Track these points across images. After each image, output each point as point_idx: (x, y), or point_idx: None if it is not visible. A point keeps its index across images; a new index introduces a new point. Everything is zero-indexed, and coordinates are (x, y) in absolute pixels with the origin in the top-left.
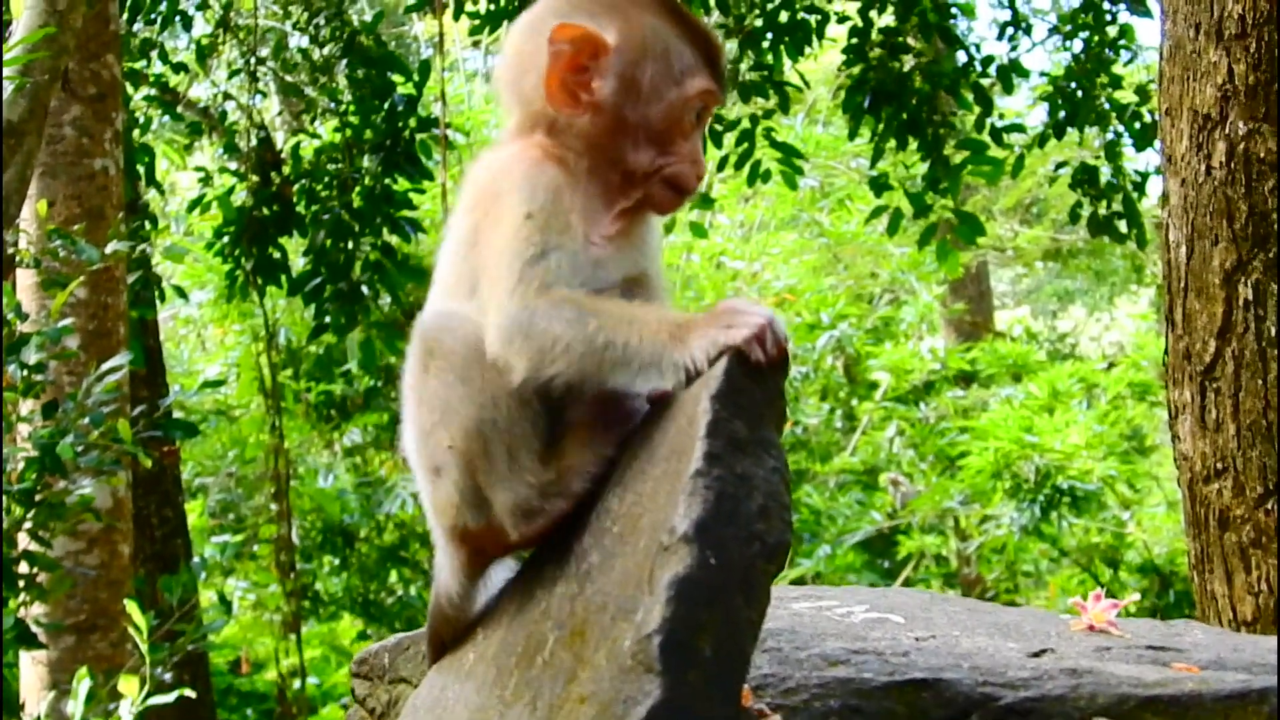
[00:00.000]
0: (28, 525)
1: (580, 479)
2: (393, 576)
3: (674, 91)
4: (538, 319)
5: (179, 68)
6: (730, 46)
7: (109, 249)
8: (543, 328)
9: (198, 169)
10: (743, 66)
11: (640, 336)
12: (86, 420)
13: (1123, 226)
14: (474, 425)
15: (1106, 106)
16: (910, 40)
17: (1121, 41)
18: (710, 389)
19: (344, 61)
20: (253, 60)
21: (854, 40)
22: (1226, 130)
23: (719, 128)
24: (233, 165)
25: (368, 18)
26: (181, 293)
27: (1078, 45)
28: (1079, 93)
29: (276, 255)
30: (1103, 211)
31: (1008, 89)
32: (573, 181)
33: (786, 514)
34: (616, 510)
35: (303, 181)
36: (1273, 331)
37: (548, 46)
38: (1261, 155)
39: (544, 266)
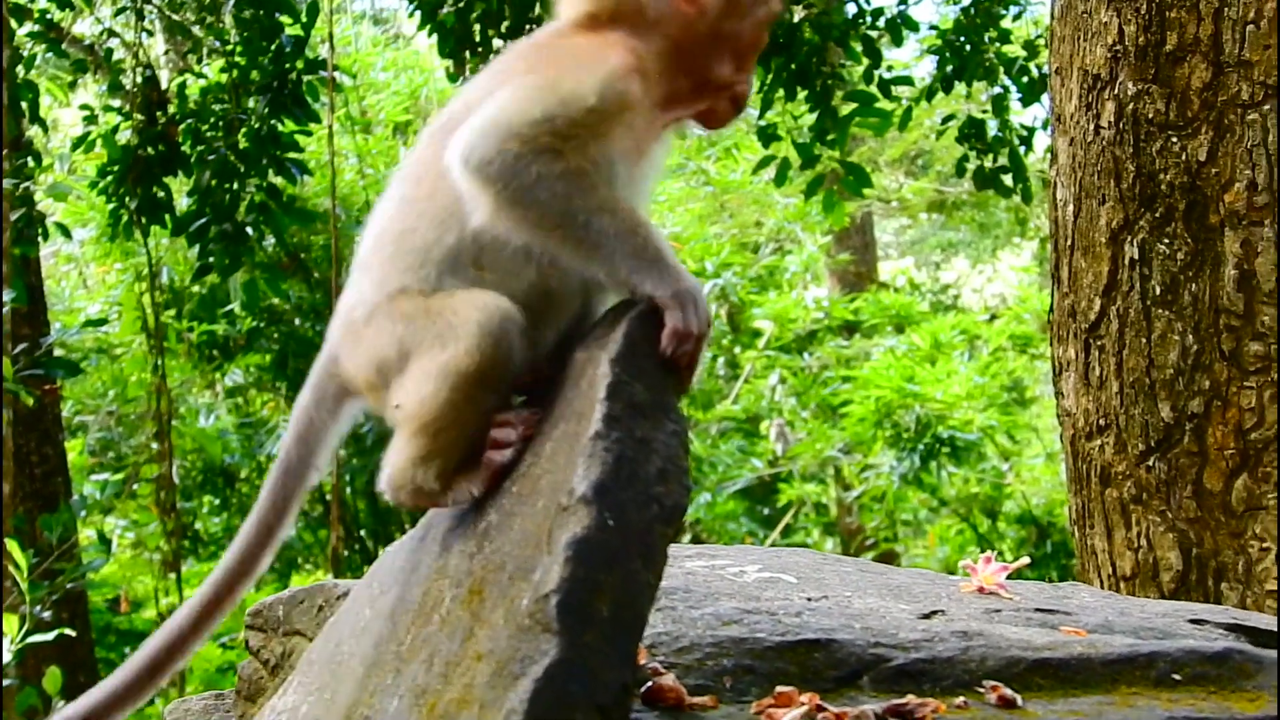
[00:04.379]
0: None
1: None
2: None
3: (763, 9)
4: (539, 170)
5: (64, 4)
6: None
7: None
8: (535, 182)
9: (82, 107)
10: None
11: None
12: None
13: (1008, 181)
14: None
15: (994, 61)
16: None
17: None
18: (610, 352)
19: (231, 1)
20: None
21: None
22: (1116, 90)
23: None
24: (117, 104)
25: None
26: (65, 231)
27: None
28: (967, 46)
29: (161, 195)
30: (989, 165)
31: (897, 41)
32: (643, 97)
33: (685, 477)
34: (516, 470)
35: (188, 121)
36: (1157, 290)
37: None
38: (1150, 116)
39: (580, 137)
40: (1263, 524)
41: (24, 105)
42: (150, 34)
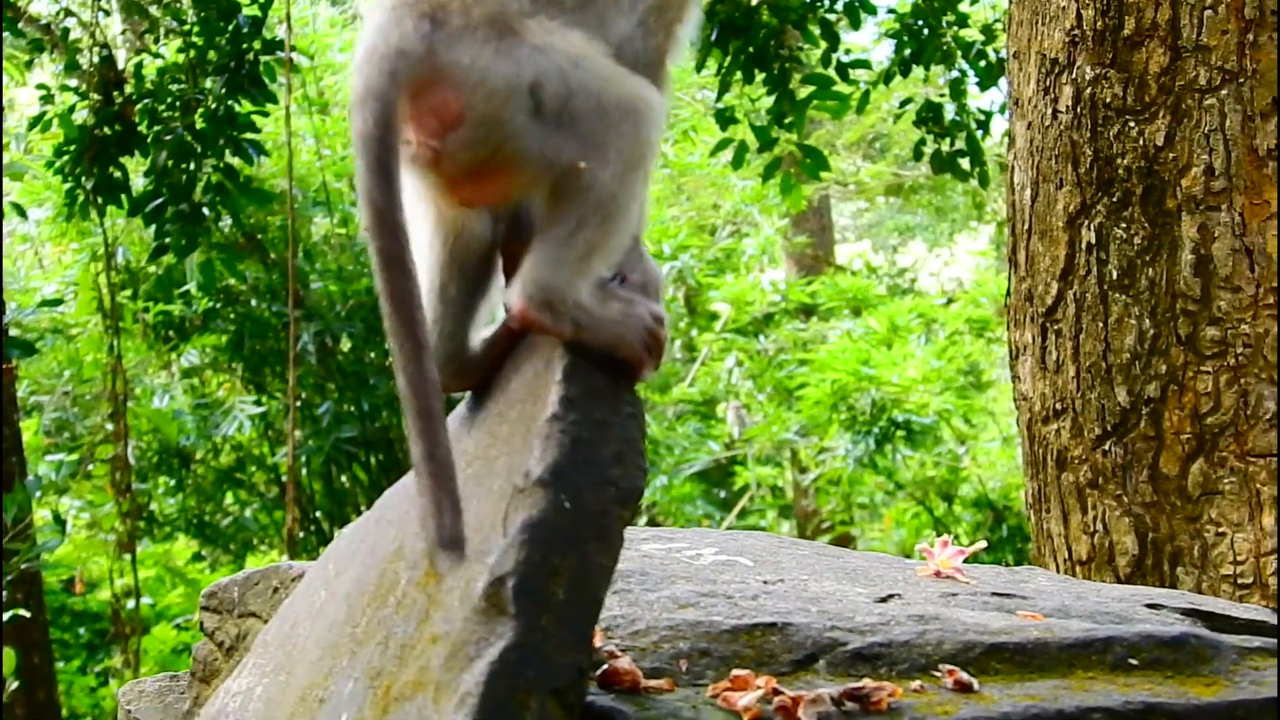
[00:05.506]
0: None
1: None
2: (228, 499)
3: None
4: None
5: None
6: None
7: None
8: None
9: (39, 86)
10: None
11: None
12: None
13: (965, 164)
14: None
15: (952, 45)
16: None
17: None
18: None
19: None
20: None
21: None
22: (1073, 75)
23: None
24: (74, 83)
25: None
26: (20, 210)
27: None
28: (925, 30)
29: (117, 175)
30: (946, 149)
31: (854, 25)
32: None
33: (641, 460)
34: (472, 452)
35: (145, 101)
36: (1114, 275)
37: None
38: (1107, 100)
39: None
40: (1218, 508)
41: None
42: (107, 14)
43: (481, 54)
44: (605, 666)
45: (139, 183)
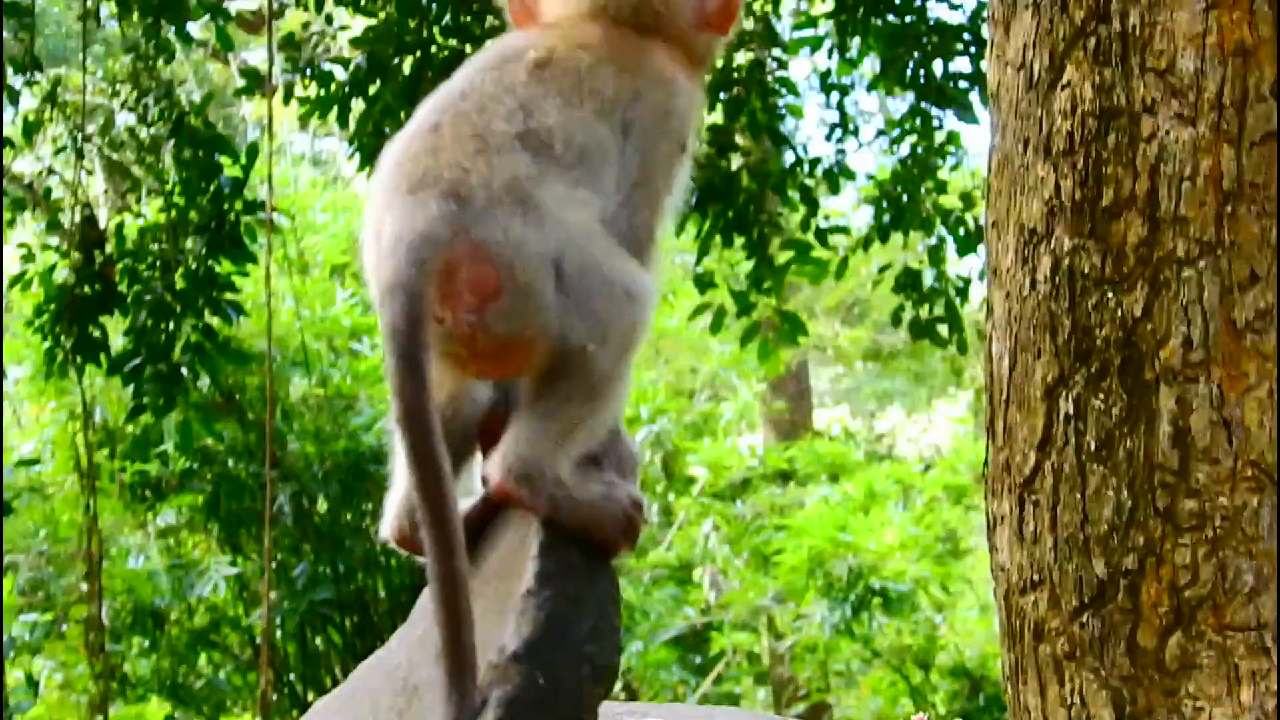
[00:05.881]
0: None
1: None
2: (202, 660)
3: None
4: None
5: (4, 141)
6: None
7: None
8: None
9: (20, 245)
10: None
11: None
12: None
13: (944, 331)
14: None
15: (931, 211)
16: (739, 139)
17: (948, 147)
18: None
19: (171, 141)
20: (79, 137)
21: None
22: (1052, 245)
23: None
24: (55, 242)
25: (197, 98)
26: None
27: (904, 149)
28: (904, 197)
29: (96, 334)
30: (925, 315)
31: (834, 190)
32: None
33: (616, 636)
34: None
35: (126, 260)
36: (1092, 446)
37: None
38: (1085, 271)
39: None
40: (1196, 682)
41: None
42: (90, 173)
43: (513, 226)
44: None
45: (118, 342)
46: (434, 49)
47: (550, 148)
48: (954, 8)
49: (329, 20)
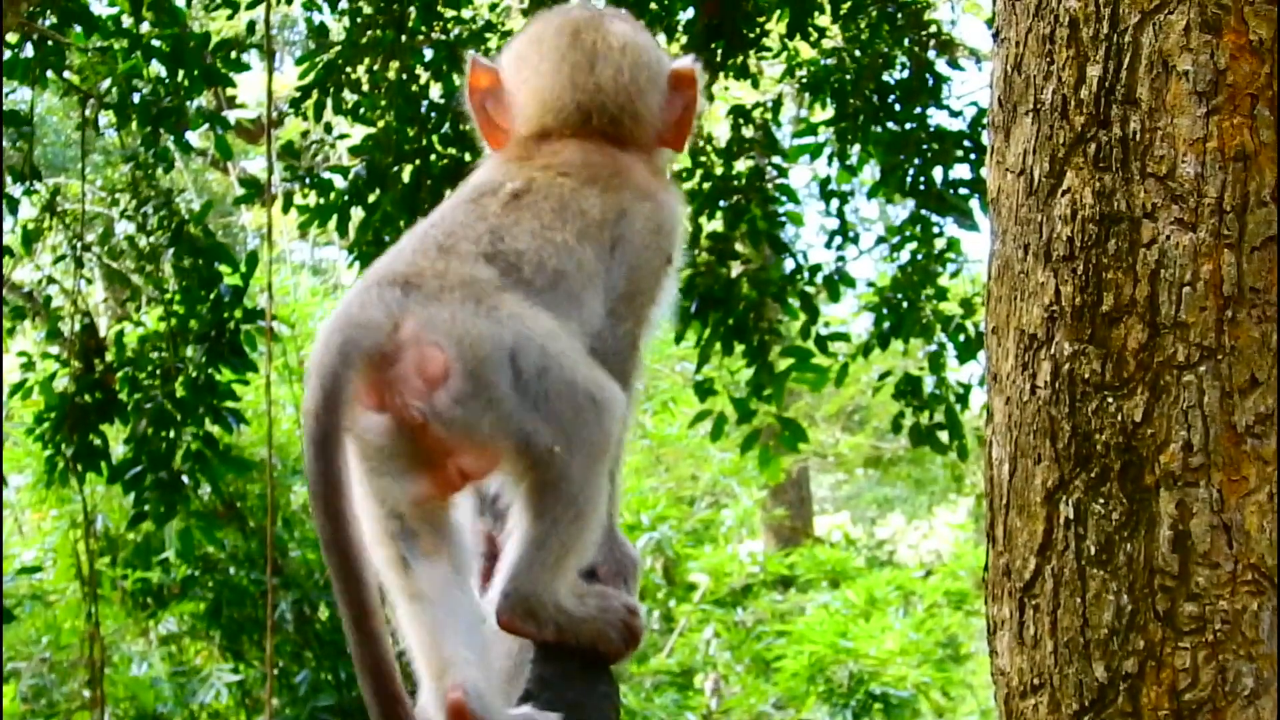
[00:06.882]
0: None
1: None
2: None
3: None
4: None
5: (3, 250)
6: None
7: None
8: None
9: (20, 354)
10: None
11: None
12: None
13: (944, 437)
14: None
15: (931, 318)
16: (739, 246)
17: (948, 253)
18: None
19: (171, 250)
20: (79, 246)
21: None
22: (1052, 350)
23: None
24: (55, 350)
25: (196, 206)
26: None
27: (904, 256)
28: (904, 303)
29: (97, 442)
30: (925, 422)
31: (834, 297)
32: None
33: None
34: None
35: (126, 369)
36: (1092, 550)
37: (686, 89)
38: (1085, 376)
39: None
40: None
41: None
42: (89, 281)
43: (461, 311)
44: None
45: (119, 450)
46: (433, 157)
47: (519, 269)
48: (954, 115)
49: (328, 129)
